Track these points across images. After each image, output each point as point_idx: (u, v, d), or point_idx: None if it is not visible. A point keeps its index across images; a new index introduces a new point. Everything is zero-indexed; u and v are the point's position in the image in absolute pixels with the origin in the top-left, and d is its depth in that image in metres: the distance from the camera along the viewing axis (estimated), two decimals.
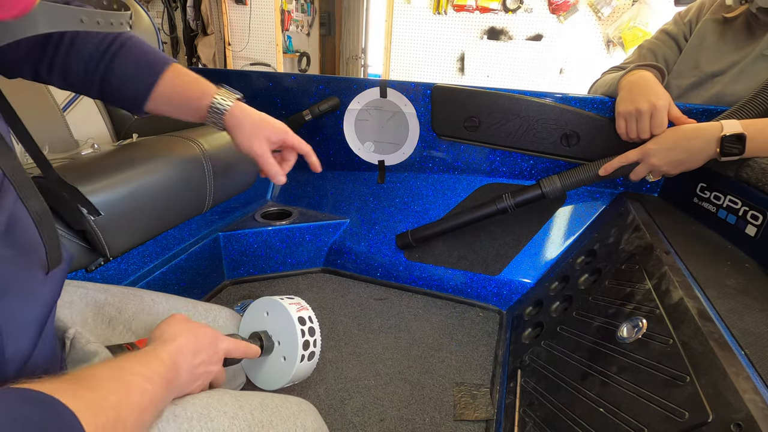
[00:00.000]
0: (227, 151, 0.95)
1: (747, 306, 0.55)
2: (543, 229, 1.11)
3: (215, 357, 0.48)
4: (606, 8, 2.75)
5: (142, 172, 0.76)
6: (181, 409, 0.40)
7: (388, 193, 1.26)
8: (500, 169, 1.15)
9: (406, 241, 1.18)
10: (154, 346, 0.41)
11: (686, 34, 1.09)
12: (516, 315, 1.04)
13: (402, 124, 1.17)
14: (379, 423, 0.80)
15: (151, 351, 0.40)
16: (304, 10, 4.16)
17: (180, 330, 0.45)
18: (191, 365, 0.43)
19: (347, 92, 1.18)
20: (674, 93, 1.05)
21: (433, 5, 3.06)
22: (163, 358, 0.39)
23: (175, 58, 3.70)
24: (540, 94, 1.02)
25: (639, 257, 0.73)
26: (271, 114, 0.71)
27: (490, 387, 0.89)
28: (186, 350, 0.43)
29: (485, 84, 1.44)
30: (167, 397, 0.38)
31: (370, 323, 1.07)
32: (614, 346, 0.61)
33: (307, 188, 1.37)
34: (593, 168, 0.93)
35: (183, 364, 0.41)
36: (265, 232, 1.20)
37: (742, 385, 0.41)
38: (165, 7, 3.36)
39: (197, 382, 0.44)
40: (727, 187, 0.80)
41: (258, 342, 0.63)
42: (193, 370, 0.43)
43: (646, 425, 0.48)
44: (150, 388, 0.34)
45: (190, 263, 1.05)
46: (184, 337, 0.44)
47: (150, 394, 0.34)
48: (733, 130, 0.73)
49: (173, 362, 0.40)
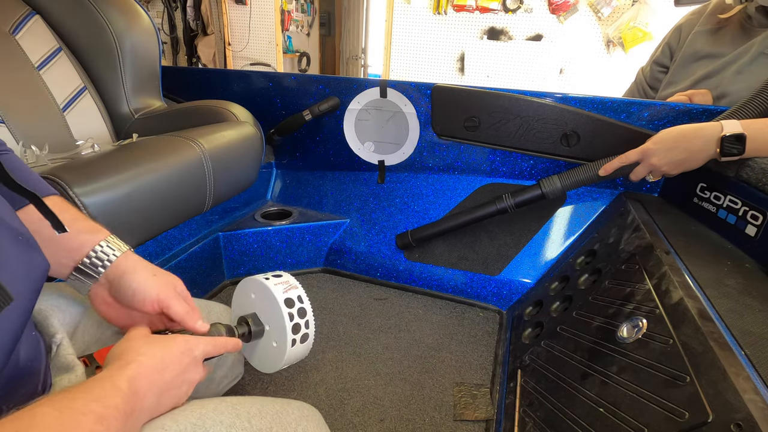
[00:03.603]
0: (227, 151, 0.95)
1: (747, 306, 0.55)
2: (543, 229, 1.11)
3: (192, 365, 0.44)
4: (606, 8, 2.75)
5: (142, 172, 0.76)
6: (171, 422, 0.39)
7: (388, 193, 1.26)
8: (500, 169, 1.15)
9: (406, 241, 1.18)
10: (111, 373, 0.37)
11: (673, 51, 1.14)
12: (516, 315, 1.04)
13: (402, 124, 1.17)
14: (379, 423, 0.80)
15: (107, 379, 0.36)
16: (304, 10, 4.16)
17: (141, 347, 0.41)
18: (161, 384, 0.40)
19: (347, 92, 1.18)
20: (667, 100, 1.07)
21: (433, 5, 3.06)
22: (120, 386, 0.35)
23: (175, 58, 3.70)
24: (540, 94, 1.02)
25: (639, 257, 0.73)
26: (271, 114, 0.68)
27: (490, 387, 0.89)
28: (151, 370, 0.39)
29: (485, 84, 1.44)
30: (128, 429, 0.35)
31: (370, 323, 1.07)
32: (614, 346, 0.61)
33: (307, 188, 1.37)
34: (593, 168, 0.93)
35: (148, 386, 0.38)
36: (265, 232, 1.20)
37: (742, 385, 0.41)
38: (165, 7, 3.36)
39: (176, 398, 0.42)
40: (727, 187, 0.80)
41: (246, 327, 0.60)
42: (165, 388, 0.40)
43: (646, 425, 0.48)
44: (102, 429, 0.31)
45: (191, 263, 1.05)
46: (146, 356, 0.40)
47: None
48: (733, 130, 0.73)
49: (133, 389, 0.36)
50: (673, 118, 0.94)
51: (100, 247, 0.49)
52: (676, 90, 1.08)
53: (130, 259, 0.50)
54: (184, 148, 0.86)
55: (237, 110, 1.08)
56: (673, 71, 1.13)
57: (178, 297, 0.51)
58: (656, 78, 1.21)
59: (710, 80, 1.02)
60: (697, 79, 1.04)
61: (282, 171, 1.42)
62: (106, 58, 1.09)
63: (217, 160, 0.91)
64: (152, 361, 0.40)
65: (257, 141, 1.05)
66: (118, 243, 0.51)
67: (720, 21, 1.04)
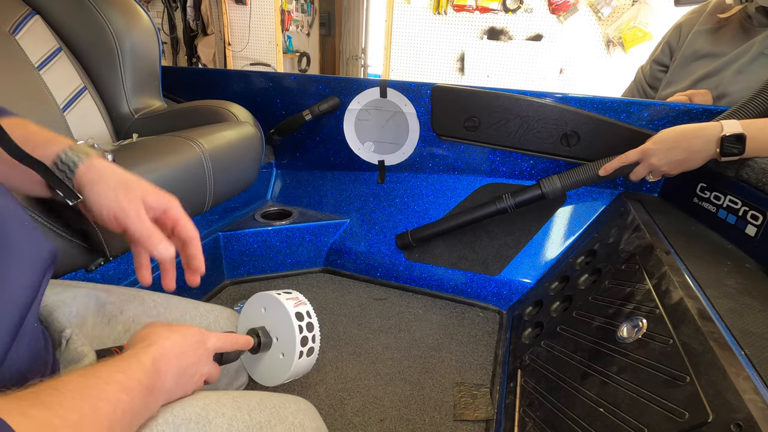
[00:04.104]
0: (227, 151, 0.95)
1: (747, 306, 0.55)
2: (543, 229, 1.11)
3: (204, 356, 0.45)
4: (606, 8, 2.75)
5: (141, 172, 0.76)
6: (180, 409, 0.39)
7: (388, 193, 1.26)
8: (500, 169, 1.14)
9: (406, 241, 1.18)
10: (136, 351, 0.38)
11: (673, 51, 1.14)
12: (516, 315, 1.04)
13: (402, 124, 1.17)
14: (379, 423, 0.80)
15: (132, 356, 0.37)
16: (304, 10, 4.16)
17: (163, 332, 0.42)
18: (179, 368, 0.40)
19: (347, 92, 1.18)
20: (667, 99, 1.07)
21: (433, 5, 3.06)
22: (144, 363, 0.36)
23: (175, 58, 3.70)
24: (540, 94, 1.02)
25: (639, 257, 0.73)
26: (271, 114, 0.68)
27: (490, 387, 0.89)
28: (171, 353, 0.40)
29: (485, 84, 1.44)
30: (149, 406, 0.36)
31: (370, 323, 1.07)
32: (614, 346, 0.61)
33: (307, 188, 1.37)
34: (593, 168, 0.93)
35: (168, 367, 0.39)
36: (265, 232, 1.20)
37: (742, 385, 0.41)
38: (165, 7, 3.36)
39: (188, 386, 0.42)
40: (727, 187, 0.80)
41: (255, 338, 0.62)
42: (182, 372, 0.41)
43: (646, 425, 0.48)
44: (126, 398, 0.32)
45: None
46: (169, 340, 0.41)
47: (125, 405, 0.32)
48: (733, 130, 0.73)
49: (156, 368, 0.37)
50: (673, 118, 0.94)
51: (59, 159, 0.44)
52: (676, 89, 1.08)
53: (93, 169, 0.45)
54: (184, 148, 0.86)
55: (237, 110, 1.08)
56: (672, 70, 1.13)
57: (140, 216, 0.45)
58: (656, 77, 1.21)
59: (710, 80, 1.02)
60: (697, 78, 1.04)
61: (282, 171, 1.42)
62: (106, 58, 1.09)
63: (217, 160, 0.91)
64: (173, 345, 0.40)
65: (257, 141, 1.05)
66: (79, 152, 0.45)
67: (720, 20, 1.04)
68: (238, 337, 0.53)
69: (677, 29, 1.15)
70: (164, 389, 0.38)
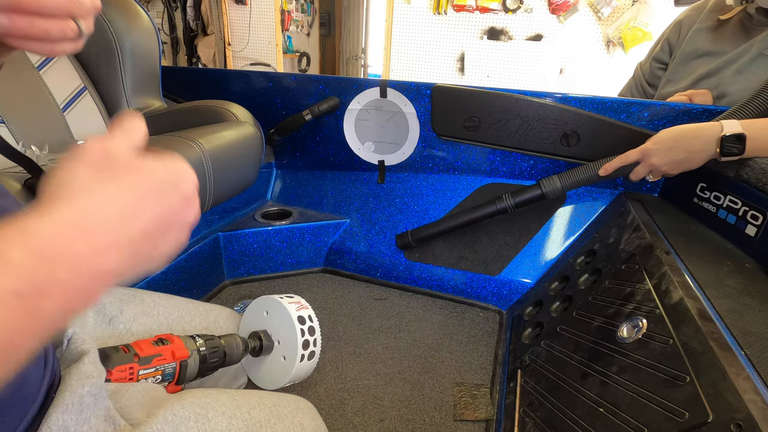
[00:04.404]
0: (227, 151, 0.95)
1: (747, 306, 0.55)
2: (543, 229, 1.11)
3: (185, 202, 0.29)
4: (606, 8, 2.75)
5: None
6: (179, 407, 0.39)
7: (388, 193, 1.26)
8: (500, 169, 1.15)
9: (406, 241, 1.18)
10: (9, 235, 0.21)
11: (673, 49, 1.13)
12: (516, 315, 1.04)
13: (402, 124, 1.17)
14: (379, 423, 0.80)
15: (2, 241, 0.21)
16: (304, 10, 4.16)
17: (87, 185, 0.25)
18: (126, 237, 0.25)
19: (347, 92, 1.18)
20: (667, 99, 1.06)
21: (433, 5, 3.06)
22: (13, 259, 0.21)
23: (175, 58, 3.70)
24: (540, 94, 1.02)
25: (639, 257, 0.73)
26: (271, 114, 0.69)
27: (490, 387, 0.89)
28: (101, 218, 0.24)
29: (485, 84, 1.44)
30: (39, 322, 0.22)
31: (370, 323, 1.07)
32: (614, 346, 0.61)
33: (307, 188, 1.37)
34: (593, 168, 0.93)
35: (80, 247, 0.23)
36: (265, 232, 1.20)
37: (742, 385, 0.41)
38: (165, 7, 3.36)
39: (153, 259, 0.27)
40: (727, 187, 0.80)
41: (257, 342, 0.63)
42: (133, 243, 0.25)
43: (646, 425, 0.48)
44: None
45: (190, 263, 1.05)
46: (99, 197, 0.25)
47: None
48: (733, 130, 0.73)
49: (44, 258, 0.21)
50: (673, 118, 0.94)
51: None
52: (676, 88, 1.07)
53: None
54: (184, 148, 0.86)
55: (237, 110, 1.08)
56: (672, 68, 1.12)
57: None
58: (655, 75, 1.20)
59: (710, 79, 1.02)
60: (697, 77, 1.04)
61: (282, 171, 1.42)
62: (106, 58, 1.09)
63: (217, 160, 0.91)
64: (111, 205, 0.25)
65: (257, 141, 1.05)
66: None
67: (720, 19, 1.03)
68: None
69: (677, 26, 1.14)
70: (74, 287, 0.23)
